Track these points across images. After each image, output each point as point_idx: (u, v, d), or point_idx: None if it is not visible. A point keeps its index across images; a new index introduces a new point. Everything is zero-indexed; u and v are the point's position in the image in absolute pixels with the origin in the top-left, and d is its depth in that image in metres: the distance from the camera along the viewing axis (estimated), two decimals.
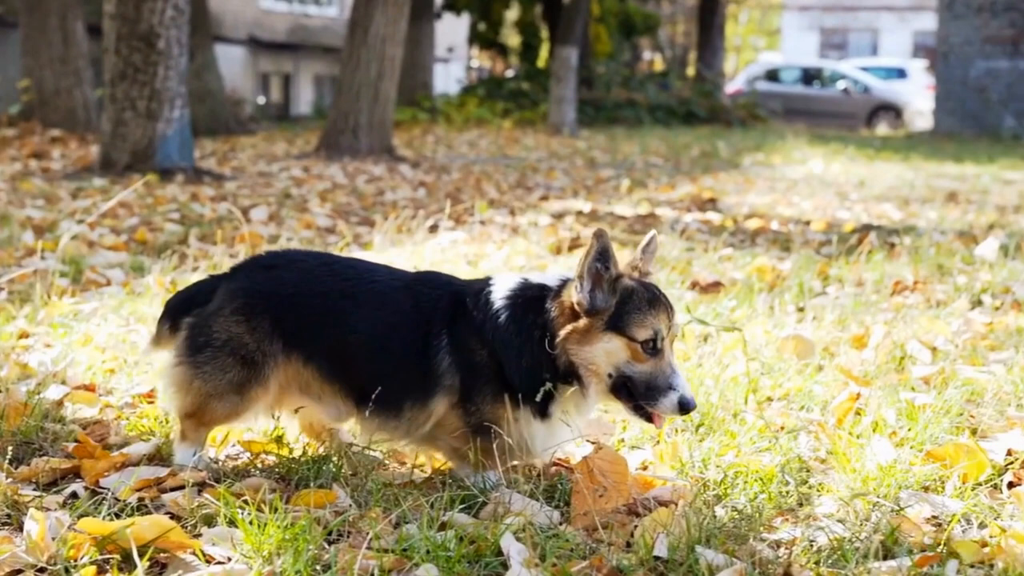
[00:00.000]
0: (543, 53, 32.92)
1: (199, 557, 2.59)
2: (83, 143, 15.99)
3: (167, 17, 11.14)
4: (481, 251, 7.09)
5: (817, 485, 3.18)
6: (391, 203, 10.36)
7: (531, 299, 3.09)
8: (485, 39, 34.96)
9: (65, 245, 6.12)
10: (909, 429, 3.58)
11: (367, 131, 15.24)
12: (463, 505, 2.95)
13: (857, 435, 3.52)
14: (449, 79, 35.81)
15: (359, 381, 3.16)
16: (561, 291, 3.06)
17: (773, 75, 35.72)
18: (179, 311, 3.31)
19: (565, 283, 3.07)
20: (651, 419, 3.01)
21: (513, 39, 36.43)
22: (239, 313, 3.19)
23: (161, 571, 2.58)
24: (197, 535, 2.73)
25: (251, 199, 10.24)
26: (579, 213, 9.99)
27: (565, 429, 3.07)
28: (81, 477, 3.14)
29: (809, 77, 35.56)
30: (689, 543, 2.64)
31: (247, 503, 2.77)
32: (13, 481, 3.05)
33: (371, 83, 15.04)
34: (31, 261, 6.26)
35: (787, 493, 3.10)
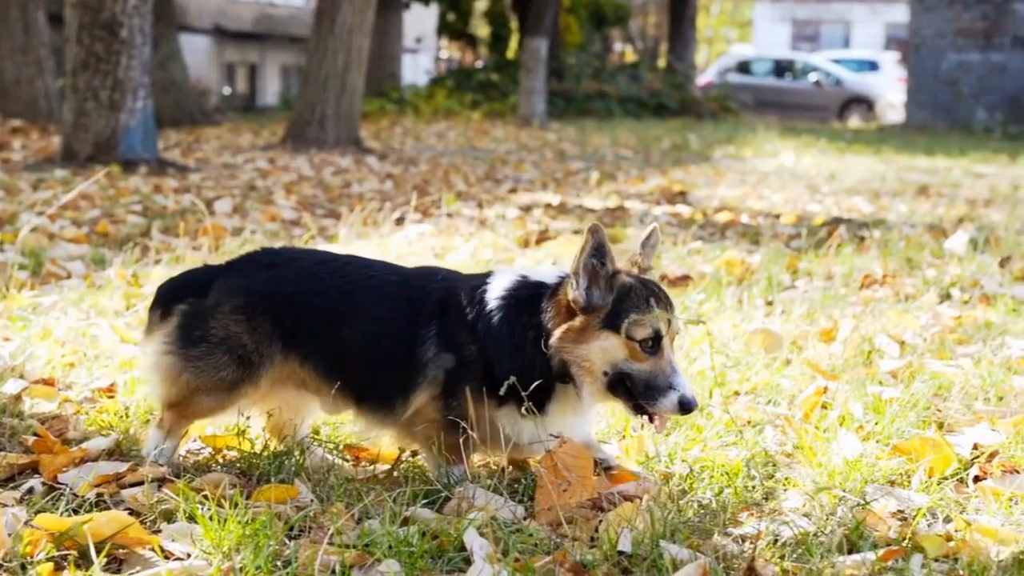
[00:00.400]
0: (513, 44, 32.87)
1: (158, 553, 2.55)
2: (44, 134, 15.81)
3: (130, 6, 10.98)
4: (448, 244, 7.06)
5: (783, 479, 3.17)
6: (357, 195, 10.30)
7: (527, 298, 3.04)
8: (454, 29, 34.94)
9: (25, 237, 6.04)
10: (876, 423, 3.59)
11: (334, 122, 15.14)
12: (426, 500, 2.92)
13: (824, 429, 3.52)
14: (418, 70, 35.67)
15: (355, 376, 3.14)
16: (558, 289, 3.02)
17: (745, 67, 35.84)
18: (171, 298, 3.25)
19: (563, 280, 3.02)
20: (652, 419, 2.97)
21: (482, 30, 36.38)
22: (239, 312, 3.14)
23: (119, 567, 2.54)
24: (156, 531, 2.69)
25: (215, 191, 10.15)
26: (548, 206, 9.97)
27: (556, 426, 3.01)
28: (39, 472, 3.10)
29: (781, 69, 35.71)
30: (653, 538, 2.63)
31: (207, 498, 2.74)
32: None
33: (338, 74, 14.95)
34: None
35: (753, 487, 3.10)
